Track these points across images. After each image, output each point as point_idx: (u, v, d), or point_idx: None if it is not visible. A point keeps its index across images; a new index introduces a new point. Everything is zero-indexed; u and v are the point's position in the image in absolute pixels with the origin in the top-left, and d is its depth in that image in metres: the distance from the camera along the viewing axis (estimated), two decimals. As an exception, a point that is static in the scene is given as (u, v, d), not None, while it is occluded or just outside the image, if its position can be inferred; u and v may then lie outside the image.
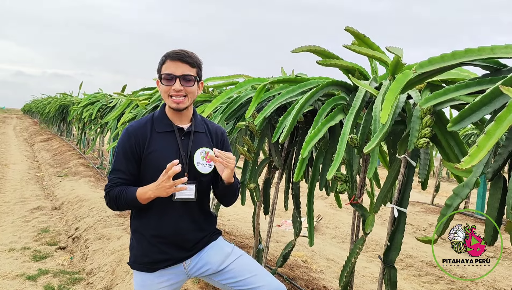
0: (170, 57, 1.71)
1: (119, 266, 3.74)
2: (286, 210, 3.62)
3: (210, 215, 1.89)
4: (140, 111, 5.04)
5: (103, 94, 9.06)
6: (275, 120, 3.02)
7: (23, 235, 4.87)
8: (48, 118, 18.14)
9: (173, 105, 1.73)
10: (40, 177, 8.76)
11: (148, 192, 1.66)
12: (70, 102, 13.41)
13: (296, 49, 2.10)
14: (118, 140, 1.77)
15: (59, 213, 5.95)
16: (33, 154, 12.64)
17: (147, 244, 1.77)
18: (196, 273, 1.82)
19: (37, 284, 3.56)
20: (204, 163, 1.78)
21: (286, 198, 3.38)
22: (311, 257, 4.81)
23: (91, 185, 7.41)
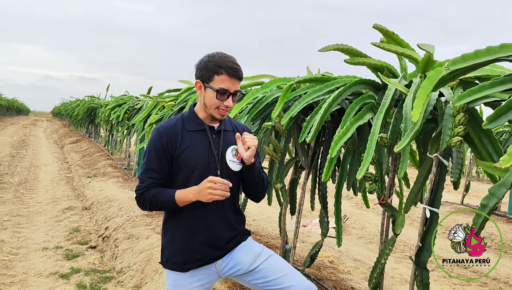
0: (228, 73, 1.69)
1: (148, 265, 3.80)
2: (313, 210, 3.60)
3: (240, 214, 1.91)
4: (166, 113, 5.11)
5: (130, 96, 9.23)
6: (301, 119, 3.00)
7: (56, 235, 5.01)
8: (77, 120, 18.60)
9: (218, 117, 1.76)
10: (70, 178, 9.00)
11: (190, 196, 1.68)
12: (98, 104, 13.72)
13: (324, 48, 2.09)
14: (149, 140, 1.79)
15: (89, 213, 6.10)
16: (63, 156, 12.99)
17: (179, 243, 1.79)
18: (227, 273, 1.84)
19: (70, 282, 3.65)
20: (235, 161, 1.80)
21: (313, 198, 3.36)
22: (338, 258, 4.76)
23: (119, 185, 7.55)
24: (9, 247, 4.44)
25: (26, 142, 16.24)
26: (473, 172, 11.96)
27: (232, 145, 1.82)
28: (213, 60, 1.72)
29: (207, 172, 1.72)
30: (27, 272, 3.84)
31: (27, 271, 3.86)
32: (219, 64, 1.70)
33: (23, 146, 14.86)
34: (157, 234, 4.54)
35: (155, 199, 1.72)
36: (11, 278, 3.68)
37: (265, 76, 3.44)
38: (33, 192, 7.42)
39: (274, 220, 6.36)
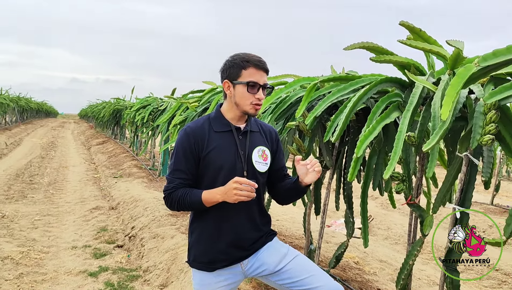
0: (255, 65, 1.73)
1: (173, 264, 3.85)
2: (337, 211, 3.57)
3: (266, 215, 1.91)
4: (190, 114, 5.16)
5: (154, 98, 9.36)
6: (325, 119, 2.98)
7: (84, 234, 5.14)
8: (103, 122, 19.01)
9: (253, 112, 1.77)
10: (97, 179, 9.20)
11: (216, 197, 1.69)
12: (123, 106, 13.97)
13: (349, 46, 2.07)
14: (176, 141, 1.81)
15: (115, 212, 6.22)
16: (90, 157, 13.30)
17: (206, 243, 1.81)
18: (253, 273, 1.84)
19: (98, 281, 3.73)
20: (261, 162, 1.80)
21: (337, 198, 3.33)
22: (363, 259, 4.71)
23: (144, 185, 7.67)
24: (40, 246, 4.58)
25: (55, 144, 16.70)
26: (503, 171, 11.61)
27: (258, 146, 1.82)
28: (238, 58, 1.76)
29: (234, 173, 1.73)
30: (57, 270, 3.94)
31: (58, 269, 3.97)
32: (245, 59, 1.74)
33: (52, 147, 15.29)
34: (181, 233, 4.59)
35: (182, 199, 1.73)
36: (42, 276, 3.79)
37: (289, 75, 3.43)
38: (62, 192, 7.62)
39: (298, 220, 6.34)
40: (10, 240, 4.69)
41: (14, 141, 16.43)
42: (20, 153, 12.91)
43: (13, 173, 9.12)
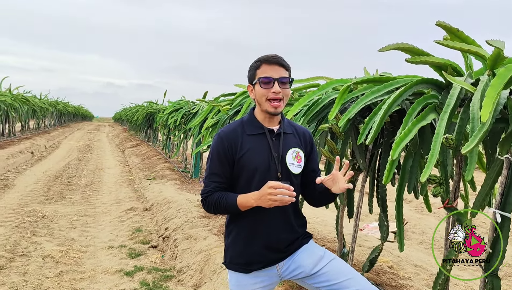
0: (266, 61, 1.76)
1: (206, 265, 3.90)
2: (371, 214, 3.52)
3: (301, 217, 1.91)
4: (222, 117, 5.22)
5: (186, 101, 9.52)
6: (358, 121, 2.95)
7: (120, 234, 5.28)
8: (136, 125, 19.47)
9: (271, 110, 1.77)
10: (132, 180, 9.44)
11: (251, 201, 1.71)
12: (156, 109, 14.27)
13: (384, 48, 2.05)
14: (211, 145, 1.85)
15: (149, 214, 6.36)
16: (124, 159, 13.66)
17: (242, 245, 1.83)
18: (288, 275, 1.85)
19: (134, 280, 3.83)
20: (295, 164, 1.81)
21: (371, 201, 3.29)
22: (397, 263, 4.61)
23: (177, 187, 7.81)
24: (79, 245, 4.74)
25: (91, 146, 17.25)
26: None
27: (292, 148, 1.83)
28: (254, 61, 1.82)
29: (268, 175, 1.75)
30: (95, 269, 4.07)
31: (95, 268, 4.10)
32: (257, 59, 1.80)
33: (88, 150, 15.80)
34: (214, 235, 4.64)
35: (218, 203, 1.77)
36: (81, 274, 3.93)
37: (320, 78, 3.42)
38: (98, 193, 7.87)
39: (329, 223, 6.28)
40: (50, 239, 4.88)
41: (53, 144, 17.08)
42: (59, 156, 13.41)
43: (52, 175, 9.49)
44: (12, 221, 5.50)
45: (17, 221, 5.50)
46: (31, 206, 6.40)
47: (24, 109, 15.85)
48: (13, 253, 4.28)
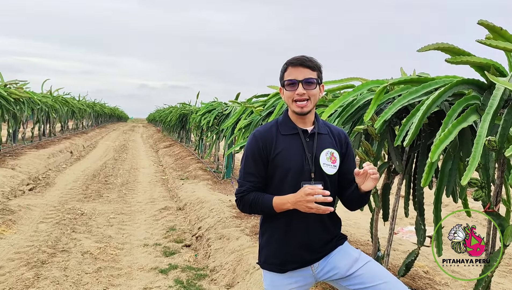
0: (291, 64, 1.78)
1: (239, 265, 3.93)
2: (407, 217, 3.45)
3: (336, 218, 1.90)
4: (254, 118, 5.25)
5: (219, 103, 9.62)
6: (394, 122, 2.91)
7: (154, 232, 5.40)
8: (169, 126, 19.84)
9: (297, 110, 1.78)
10: (165, 180, 9.63)
11: (287, 204, 1.72)
12: (189, 111, 14.50)
13: (423, 48, 2.01)
14: (246, 145, 1.87)
15: (183, 213, 6.47)
16: (158, 159, 13.95)
17: (276, 245, 1.84)
18: (323, 277, 1.84)
19: (168, 278, 3.91)
20: (330, 164, 1.81)
21: (407, 204, 3.23)
22: (433, 268, 4.49)
23: (209, 187, 7.90)
24: (116, 242, 4.89)
25: (126, 147, 17.72)
26: None
27: (326, 148, 1.82)
28: (284, 63, 1.83)
29: (302, 175, 1.76)
30: (131, 266, 4.19)
31: (131, 265, 4.21)
32: (285, 62, 1.82)
33: (123, 150, 16.24)
34: (246, 235, 4.67)
35: (253, 203, 1.79)
36: (118, 270, 4.04)
37: (355, 78, 3.38)
38: (133, 192, 8.07)
39: (362, 225, 6.19)
40: (89, 236, 5.05)
41: (90, 144, 17.67)
42: (96, 155, 13.86)
43: (90, 173, 9.81)
44: (53, 218, 5.73)
45: (58, 218, 5.73)
46: (71, 203, 6.65)
47: (64, 110, 16.47)
48: (54, 249, 4.46)
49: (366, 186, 1.75)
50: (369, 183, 1.74)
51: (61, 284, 3.57)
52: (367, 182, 1.74)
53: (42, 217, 5.72)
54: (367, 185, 1.75)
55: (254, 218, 5.34)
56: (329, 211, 1.68)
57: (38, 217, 5.71)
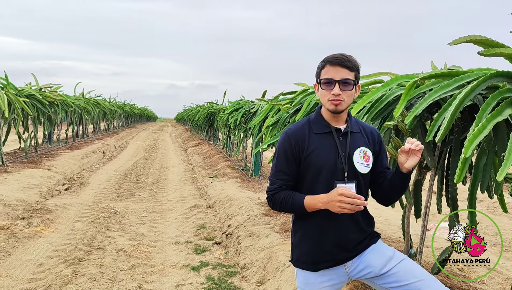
0: (329, 62, 1.76)
1: (269, 262, 3.96)
2: (440, 213, 3.38)
3: (369, 216, 1.89)
4: (282, 115, 5.25)
5: (246, 101, 9.66)
6: (425, 118, 2.85)
7: (185, 230, 5.50)
8: (197, 125, 20.07)
9: (332, 108, 1.77)
10: (195, 178, 9.76)
11: (318, 204, 1.72)
12: (216, 109, 14.62)
13: (455, 41, 1.96)
14: (278, 143, 1.87)
15: (212, 211, 6.55)
16: (187, 158, 14.14)
17: (309, 244, 1.84)
18: (357, 275, 1.84)
19: (200, 275, 3.98)
20: (363, 163, 1.79)
21: (439, 200, 3.16)
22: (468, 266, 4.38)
23: (238, 185, 7.96)
24: (148, 240, 5.00)
25: (155, 146, 18.05)
26: None
27: (360, 147, 1.81)
28: (321, 60, 1.82)
29: (334, 174, 1.75)
30: (164, 263, 4.28)
31: (164, 262, 4.31)
32: (323, 59, 1.80)
33: (153, 149, 16.55)
34: (276, 233, 4.69)
35: (285, 202, 1.79)
36: (151, 268, 4.14)
37: (383, 73, 3.33)
38: (164, 191, 8.23)
39: (393, 223, 6.10)
40: (122, 234, 5.19)
41: (121, 144, 18.10)
42: (127, 155, 14.18)
43: (122, 173, 10.06)
44: (88, 216, 5.92)
45: (93, 216, 5.92)
46: (104, 202, 6.85)
47: (95, 112, 16.93)
48: (90, 247, 4.61)
49: (410, 162, 1.75)
50: (413, 159, 1.75)
51: (98, 281, 3.69)
52: (411, 158, 1.75)
53: (78, 216, 5.92)
54: (411, 161, 1.75)
55: (284, 216, 5.35)
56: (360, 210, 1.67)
57: (74, 216, 5.91)
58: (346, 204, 1.64)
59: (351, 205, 1.64)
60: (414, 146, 1.73)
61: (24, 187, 6.84)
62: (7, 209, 5.68)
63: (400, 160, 1.77)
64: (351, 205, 1.64)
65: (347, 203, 1.63)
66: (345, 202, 1.63)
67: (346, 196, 1.63)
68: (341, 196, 1.64)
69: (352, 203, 1.63)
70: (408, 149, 1.73)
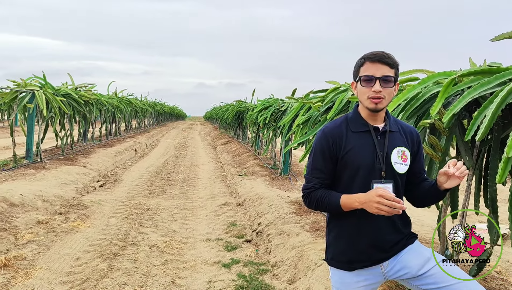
0: (369, 59, 1.74)
1: (300, 261, 3.95)
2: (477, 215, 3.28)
3: (406, 217, 1.86)
4: (313, 114, 5.22)
5: (275, 99, 9.65)
6: (463, 116, 2.77)
7: (216, 227, 5.56)
8: (226, 123, 20.22)
9: (371, 106, 1.74)
10: (224, 176, 9.85)
11: (355, 203, 1.70)
12: (245, 108, 14.68)
13: (497, 37, 1.90)
14: (314, 141, 1.86)
15: (242, 209, 6.59)
16: (216, 156, 14.28)
17: (344, 243, 1.83)
18: (393, 275, 1.81)
19: (231, 272, 4.02)
20: (401, 163, 1.77)
21: (477, 201, 3.07)
22: (507, 269, 4.25)
23: (267, 184, 7.97)
24: (180, 237, 5.09)
25: (185, 144, 18.32)
26: None
27: (398, 147, 1.78)
28: (360, 57, 1.79)
29: (372, 174, 1.73)
30: (195, 260, 4.34)
31: (196, 259, 4.37)
32: (362, 56, 1.77)
33: (183, 147, 16.80)
34: (306, 232, 4.67)
35: (321, 201, 1.78)
36: (183, 264, 4.21)
37: (419, 70, 3.26)
38: (194, 188, 8.34)
39: (426, 223, 5.96)
40: (155, 230, 5.30)
41: (152, 142, 18.46)
42: (158, 153, 14.46)
43: (153, 170, 10.27)
44: (122, 213, 6.07)
45: (126, 213, 6.07)
46: (137, 199, 7.01)
47: (128, 110, 17.33)
48: (124, 242, 4.73)
49: (450, 184, 1.70)
50: (453, 181, 1.69)
51: (132, 275, 3.79)
52: (452, 180, 1.69)
53: (112, 212, 6.08)
54: (451, 183, 1.70)
55: (314, 215, 5.33)
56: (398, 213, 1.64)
57: (109, 212, 6.08)
58: (384, 206, 1.60)
59: (389, 208, 1.60)
60: (459, 173, 1.66)
61: (61, 183, 7.09)
62: (46, 204, 5.91)
63: (440, 179, 1.72)
64: (389, 207, 1.60)
65: (385, 205, 1.60)
66: (383, 203, 1.60)
67: (385, 198, 1.60)
68: (379, 197, 1.61)
69: (390, 206, 1.60)
70: (452, 174, 1.67)
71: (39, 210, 5.61)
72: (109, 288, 3.51)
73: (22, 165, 8.07)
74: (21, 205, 5.54)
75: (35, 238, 4.60)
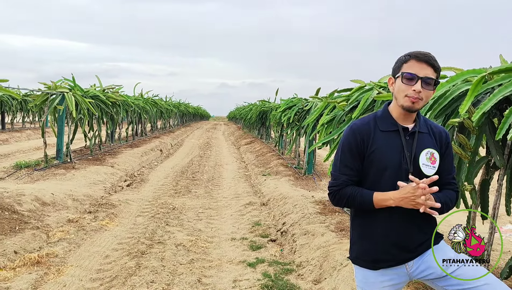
0: (416, 57, 1.71)
1: (325, 261, 3.93)
2: (509, 215, 3.19)
3: (431, 217, 1.82)
4: (337, 113, 5.18)
5: (299, 99, 9.62)
6: (493, 114, 2.71)
7: (240, 227, 5.59)
8: (250, 123, 20.27)
9: (408, 104, 1.71)
10: (248, 176, 9.89)
11: (389, 201, 1.69)
12: (269, 108, 14.69)
13: (529, 33, 1.85)
14: (342, 138, 1.84)
15: (266, 208, 6.61)
16: (240, 156, 14.35)
17: (369, 242, 1.82)
18: (418, 275, 1.79)
19: (256, 271, 4.04)
20: (429, 165, 1.74)
21: (509, 201, 2.99)
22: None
23: (291, 183, 7.96)
24: (205, 236, 5.14)
25: (209, 144, 18.48)
26: None
27: (427, 148, 1.75)
28: (404, 54, 1.76)
29: (398, 174, 1.71)
30: (221, 259, 4.39)
31: (221, 258, 4.41)
32: (408, 54, 1.74)
33: (207, 147, 16.95)
34: (331, 232, 4.64)
35: (352, 198, 1.76)
36: (209, 262, 4.26)
37: (446, 68, 3.19)
38: (219, 188, 8.41)
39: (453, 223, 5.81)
40: (180, 229, 5.38)
41: (177, 142, 18.70)
42: (183, 153, 14.64)
43: (179, 170, 10.41)
44: (148, 212, 6.19)
45: (153, 212, 6.18)
46: (163, 198, 7.12)
47: (153, 111, 17.61)
48: (151, 241, 4.82)
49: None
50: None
51: (159, 274, 3.86)
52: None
53: (139, 211, 6.20)
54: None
55: (339, 215, 5.29)
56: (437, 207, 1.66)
57: (136, 211, 6.20)
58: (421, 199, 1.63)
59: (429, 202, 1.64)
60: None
61: (90, 183, 7.27)
62: (75, 203, 6.08)
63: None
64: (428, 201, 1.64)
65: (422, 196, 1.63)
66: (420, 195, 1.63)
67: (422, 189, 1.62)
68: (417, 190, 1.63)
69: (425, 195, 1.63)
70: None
71: (69, 209, 5.78)
72: (137, 286, 3.59)
73: (52, 165, 8.33)
74: (52, 204, 5.72)
75: (66, 236, 4.74)
